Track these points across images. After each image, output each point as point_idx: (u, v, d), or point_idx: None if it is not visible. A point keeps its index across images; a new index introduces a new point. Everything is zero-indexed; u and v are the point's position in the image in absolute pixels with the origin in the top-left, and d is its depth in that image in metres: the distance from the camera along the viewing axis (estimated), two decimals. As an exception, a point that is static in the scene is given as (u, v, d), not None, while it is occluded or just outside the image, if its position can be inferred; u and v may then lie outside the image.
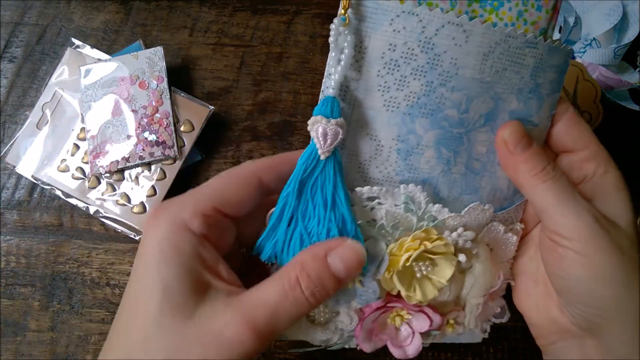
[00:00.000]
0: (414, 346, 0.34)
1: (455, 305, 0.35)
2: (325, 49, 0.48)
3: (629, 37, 0.43)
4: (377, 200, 0.32)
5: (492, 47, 0.30)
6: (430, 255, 0.31)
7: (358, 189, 0.31)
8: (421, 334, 0.34)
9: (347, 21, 0.28)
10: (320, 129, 0.28)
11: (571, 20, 0.37)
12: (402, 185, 0.31)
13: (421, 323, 0.33)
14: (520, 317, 0.36)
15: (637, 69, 0.44)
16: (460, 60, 0.30)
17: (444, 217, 0.32)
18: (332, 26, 0.28)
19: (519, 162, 0.31)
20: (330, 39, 0.28)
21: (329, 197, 0.29)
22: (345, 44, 0.28)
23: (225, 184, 0.30)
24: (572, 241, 0.29)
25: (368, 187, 0.31)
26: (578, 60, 0.46)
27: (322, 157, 0.29)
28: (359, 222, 0.31)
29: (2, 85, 0.48)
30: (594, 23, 0.46)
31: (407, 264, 0.31)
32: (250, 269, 0.33)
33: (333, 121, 0.28)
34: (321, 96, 0.30)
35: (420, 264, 0.31)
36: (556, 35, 0.33)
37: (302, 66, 0.48)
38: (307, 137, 0.49)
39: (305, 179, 0.29)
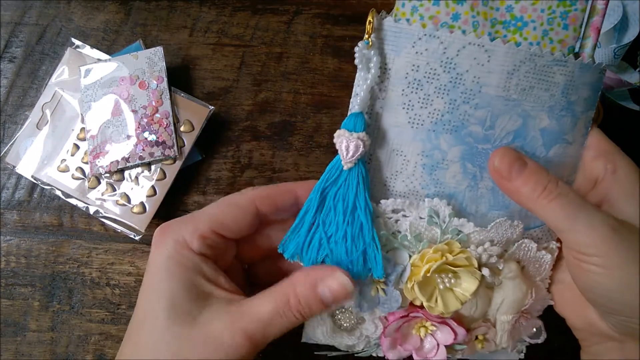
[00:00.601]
0: (438, 359, 0.34)
1: (484, 322, 0.35)
2: (325, 49, 0.48)
3: (629, 37, 0.42)
4: (401, 213, 0.32)
5: (517, 65, 0.30)
6: (453, 268, 0.31)
7: (383, 201, 0.32)
8: (447, 348, 0.34)
9: (371, 44, 0.30)
10: (344, 142, 0.30)
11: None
12: (427, 199, 0.32)
13: (445, 335, 0.33)
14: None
15: (637, 69, 0.44)
16: (483, 78, 0.30)
17: (469, 231, 0.32)
18: (357, 49, 0.29)
19: (518, 187, 0.30)
20: (356, 61, 0.30)
21: (349, 204, 0.31)
22: (371, 65, 0.30)
23: (223, 210, 0.32)
24: (592, 257, 0.28)
25: (392, 199, 0.32)
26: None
27: (345, 168, 0.31)
28: (381, 232, 0.32)
29: (2, 85, 0.48)
30: (594, 23, 0.46)
31: (428, 274, 0.31)
32: (255, 283, 0.36)
33: (355, 135, 0.30)
34: (348, 114, 0.31)
35: (443, 276, 0.32)
36: (597, 54, 0.32)
37: (302, 66, 0.48)
38: (306, 137, 0.49)
39: (327, 187, 0.31)
